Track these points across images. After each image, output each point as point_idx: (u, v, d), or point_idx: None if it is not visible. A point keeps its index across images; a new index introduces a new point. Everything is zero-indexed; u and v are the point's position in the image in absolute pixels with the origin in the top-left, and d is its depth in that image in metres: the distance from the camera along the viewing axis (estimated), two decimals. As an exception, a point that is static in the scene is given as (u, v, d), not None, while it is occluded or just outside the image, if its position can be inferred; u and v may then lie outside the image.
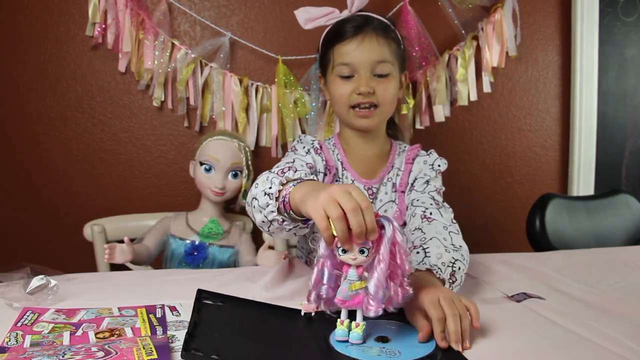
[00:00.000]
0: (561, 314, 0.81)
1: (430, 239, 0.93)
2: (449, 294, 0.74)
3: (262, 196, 0.85)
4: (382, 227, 0.67)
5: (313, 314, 0.75)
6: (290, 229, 0.85)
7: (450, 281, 0.87)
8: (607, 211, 1.59)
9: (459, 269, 0.90)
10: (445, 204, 1.07)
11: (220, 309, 0.76)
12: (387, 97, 1.11)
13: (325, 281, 0.70)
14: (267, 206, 0.84)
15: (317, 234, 0.69)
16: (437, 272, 0.86)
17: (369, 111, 1.10)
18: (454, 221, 1.02)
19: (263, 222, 0.87)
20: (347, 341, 0.69)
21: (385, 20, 1.14)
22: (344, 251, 0.67)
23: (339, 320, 0.70)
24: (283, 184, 0.83)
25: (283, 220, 0.83)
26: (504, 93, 1.84)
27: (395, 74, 1.12)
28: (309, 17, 1.26)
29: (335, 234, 0.66)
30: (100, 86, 1.58)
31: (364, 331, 0.69)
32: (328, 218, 0.66)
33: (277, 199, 0.82)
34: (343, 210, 0.65)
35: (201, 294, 0.78)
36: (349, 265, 0.68)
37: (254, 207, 0.88)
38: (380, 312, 0.66)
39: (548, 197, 1.55)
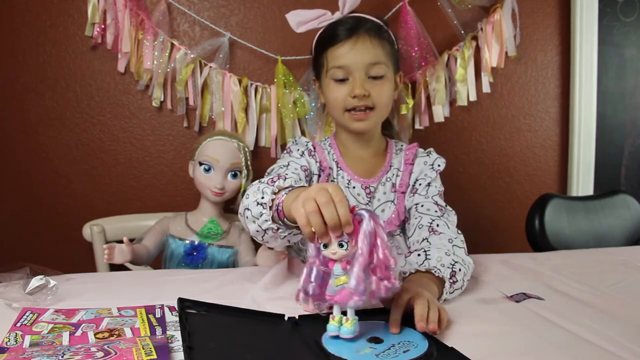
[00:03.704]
0: (560, 315, 0.81)
1: (435, 247, 0.95)
2: (428, 297, 0.76)
3: (254, 206, 0.86)
4: (361, 220, 0.67)
5: (297, 317, 0.76)
6: (285, 237, 0.86)
7: (451, 281, 0.88)
8: (606, 211, 1.59)
9: (459, 270, 0.90)
10: (448, 207, 1.08)
11: (205, 318, 0.76)
12: (383, 100, 1.10)
13: (312, 279, 0.71)
14: (261, 215, 0.85)
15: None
16: (436, 272, 0.87)
17: (364, 113, 1.09)
18: (459, 232, 1.03)
19: (257, 231, 0.88)
20: (338, 337, 0.69)
21: (378, 21, 1.12)
22: (325, 246, 0.69)
23: (331, 316, 0.71)
24: (275, 193, 0.84)
25: (278, 229, 0.84)
26: (503, 93, 1.84)
27: (389, 75, 1.11)
28: (301, 20, 1.25)
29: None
30: (100, 86, 1.58)
31: (354, 326, 0.69)
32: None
33: (270, 207, 0.83)
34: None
35: (183, 303, 0.77)
36: (334, 261, 0.69)
37: (247, 217, 0.89)
38: (361, 304, 0.67)
39: (547, 198, 1.55)
